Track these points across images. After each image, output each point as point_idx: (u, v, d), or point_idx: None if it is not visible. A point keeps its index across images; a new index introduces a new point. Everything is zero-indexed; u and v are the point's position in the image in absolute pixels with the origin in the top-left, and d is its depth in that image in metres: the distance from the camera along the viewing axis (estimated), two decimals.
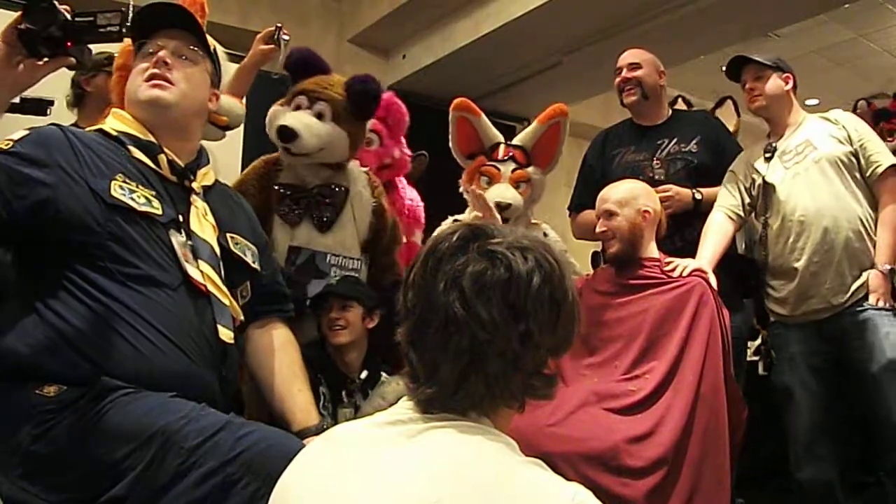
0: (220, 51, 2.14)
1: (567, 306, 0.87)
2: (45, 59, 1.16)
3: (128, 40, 1.64)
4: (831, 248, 2.21)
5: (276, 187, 2.22)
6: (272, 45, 2.35)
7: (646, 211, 2.09)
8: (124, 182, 1.32)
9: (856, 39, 5.48)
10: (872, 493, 2.79)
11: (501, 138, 2.48)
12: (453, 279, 0.82)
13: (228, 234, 1.49)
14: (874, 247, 2.22)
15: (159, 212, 1.35)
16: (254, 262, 1.54)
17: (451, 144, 2.48)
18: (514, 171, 2.36)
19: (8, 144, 1.25)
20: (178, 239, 1.36)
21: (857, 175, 2.27)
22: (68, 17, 1.16)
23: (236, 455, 1.13)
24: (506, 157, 2.39)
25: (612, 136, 2.74)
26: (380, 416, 0.89)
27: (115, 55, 2.10)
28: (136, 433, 1.14)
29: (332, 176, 2.23)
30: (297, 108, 2.21)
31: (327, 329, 2.01)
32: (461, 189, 2.47)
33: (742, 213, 2.41)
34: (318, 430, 1.42)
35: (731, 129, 3.06)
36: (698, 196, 2.47)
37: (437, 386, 0.83)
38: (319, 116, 2.17)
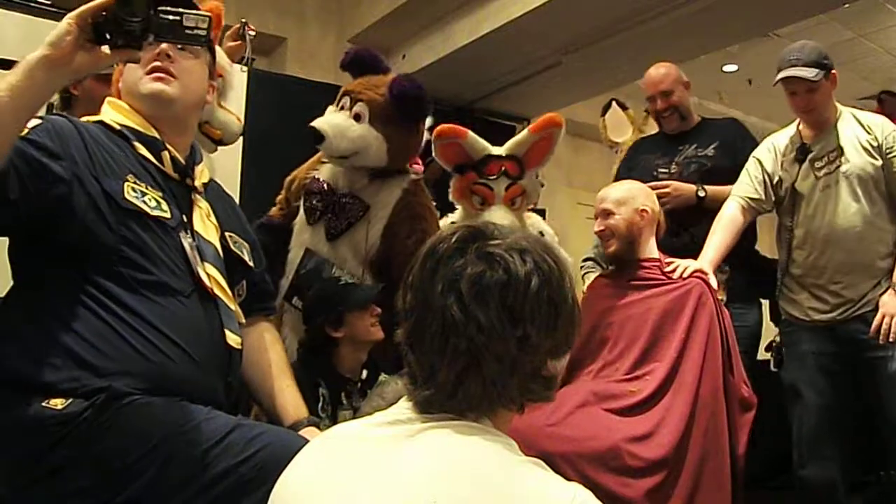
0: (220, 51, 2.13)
1: (566, 308, 0.86)
2: (112, 50, 1.10)
3: None
4: (853, 270, 2.20)
5: (312, 181, 2.20)
6: (239, 42, 2.35)
7: (643, 210, 2.09)
8: (135, 184, 1.27)
9: (856, 39, 5.47)
10: (874, 491, 2.79)
11: (491, 149, 2.34)
12: (451, 281, 0.82)
13: (227, 234, 1.47)
14: None
15: (168, 215, 1.31)
16: (250, 261, 1.52)
17: (435, 157, 2.37)
18: (507, 188, 2.26)
19: (23, 130, 1.15)
20: (188, 242, 1.32)
21: (885, 188, 2.23)
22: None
23: (249, 456, 1.13)
24: (498, 174, 2.26)
25: (643, 144, 2.88)
26: (378, 416, 0.89)
27: None
28: (147, 438, 1.13)
29: (364, 188, 2.17)
30: (342, 108, 2.16)
31: (370, 328, 2.01)
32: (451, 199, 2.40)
33: (760, 209, 2.37)
34: (310, 423, 1.44)
35: (629, 131, 3.15)
36: (701, 193, 2.49)
37: (435, 388, 0.83)
38: (357, 118, 2.11)
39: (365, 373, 2.05)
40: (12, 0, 2.81)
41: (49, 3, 3.01)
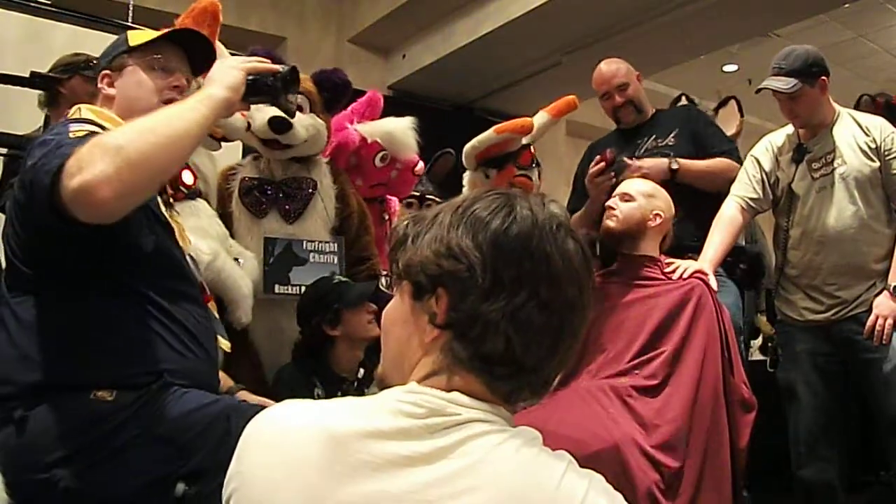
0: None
1: None
2: (243, 101, 1.32)
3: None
4: (848, 271, 2.20)
5: (241, 182, 2.26)
6: None
7: (658, 214, 2.08)
8: (158, 197, 1.37)
9: (856, 39, 5.48)
10: (873, 491, 2.80)
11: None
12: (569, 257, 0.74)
13: None
14: None
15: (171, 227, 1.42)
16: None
17: (472, 153, 2.42)
18: (539, 175, 2.36)
19: (83, 133, 1.18)
20: (186, 254, 1.45)
21: (882, 190, 2.21)
22: None
23: None
24: (531, 162, 2.34)
25: (599, 145, 2.76)
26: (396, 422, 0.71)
27: (90, 57, 2.11)
28: (200, 418, 1.23)
29: (299, 170, 2.29)
30: None
31: (367, 325, 2.02)
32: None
33: (759, 208, 2.36)
34: (240, 389, 1.70)
35: (734, 129, 3.05)
36: (675, 165, 2.39)
37: (523, 372, 0.74)
38: (300, 109, 2.22)
39: (362, 371, 2.05)
40: (12, 0, 2.81)
41: (49, 3, 3.01)
